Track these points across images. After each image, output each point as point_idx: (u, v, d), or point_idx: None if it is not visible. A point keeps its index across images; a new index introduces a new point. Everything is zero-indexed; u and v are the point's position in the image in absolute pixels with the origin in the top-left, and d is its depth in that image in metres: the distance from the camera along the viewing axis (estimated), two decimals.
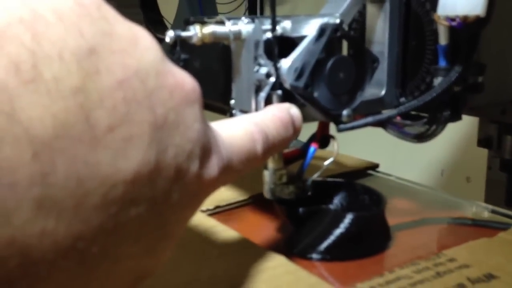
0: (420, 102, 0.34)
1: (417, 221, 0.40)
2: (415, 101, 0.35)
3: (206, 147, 0.19)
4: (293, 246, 0.36)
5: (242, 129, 0.23)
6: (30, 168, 0.12)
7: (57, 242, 0.13)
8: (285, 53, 0.32)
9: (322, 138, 0.36)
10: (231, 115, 0.34)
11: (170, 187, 0.16)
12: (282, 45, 0.32)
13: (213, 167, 0.19)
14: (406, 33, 0.37)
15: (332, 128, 0.35)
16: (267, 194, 0.35)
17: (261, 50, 0.32)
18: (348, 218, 0.34)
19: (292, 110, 0.28)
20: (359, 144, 0.95)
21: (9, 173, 0.12)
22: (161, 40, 0.21)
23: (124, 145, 0.14)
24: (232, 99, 0.34)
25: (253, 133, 0.24)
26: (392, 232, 0.38)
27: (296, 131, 0.28)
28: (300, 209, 0.35)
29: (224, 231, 0.37)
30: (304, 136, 0.38)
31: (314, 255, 0.34)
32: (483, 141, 0.54)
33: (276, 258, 0.33)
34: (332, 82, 0.32)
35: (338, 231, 0.34)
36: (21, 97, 0.12)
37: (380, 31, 0.38)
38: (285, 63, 0.32)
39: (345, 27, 0.34)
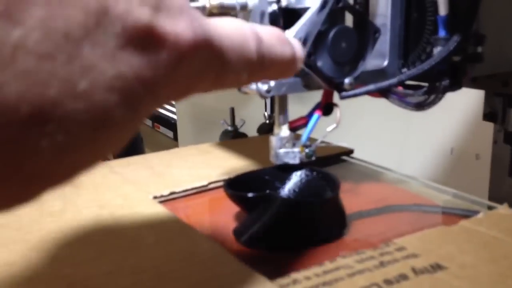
0: (419, 71, 0.36)
1: (380, 208, 0.38)
2: (414, 70, 0.36)
3: None
4: (241, 235, 0.34)
5: (233, 23, 0.20)
6: None
7: None
8: (289, 25, 0.34)
9: (326, 106, 0.38)
10: None
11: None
12: (287, 17, 0.34)
13: (181, 24, 0.16)
14: (408, 5, 0.39)
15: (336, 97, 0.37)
16: (272, 159, 0.37)
17: (266, 21, 0.33)
18: (294, 205, 0.33)
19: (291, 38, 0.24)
20: (370, 123, 0.96)
21: None
22: None
23: None
24: None
25: (244, 29, 0.20)
26: (351, 220, 0.36)
27: (295, 56, 0.23)
28: (249, 195, 0.34)
29: (169, 218, 0.35)
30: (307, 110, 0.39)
31: (260, 245, 0.33)
32: (488, 115, 0.55)
33: (212, 246, 0.31)
34: (335, 51, 0.34)
35: (284, 219, 0.33)
36: None
37: (383, 4, 0.39)
38: (289, 34, 0.33)
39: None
